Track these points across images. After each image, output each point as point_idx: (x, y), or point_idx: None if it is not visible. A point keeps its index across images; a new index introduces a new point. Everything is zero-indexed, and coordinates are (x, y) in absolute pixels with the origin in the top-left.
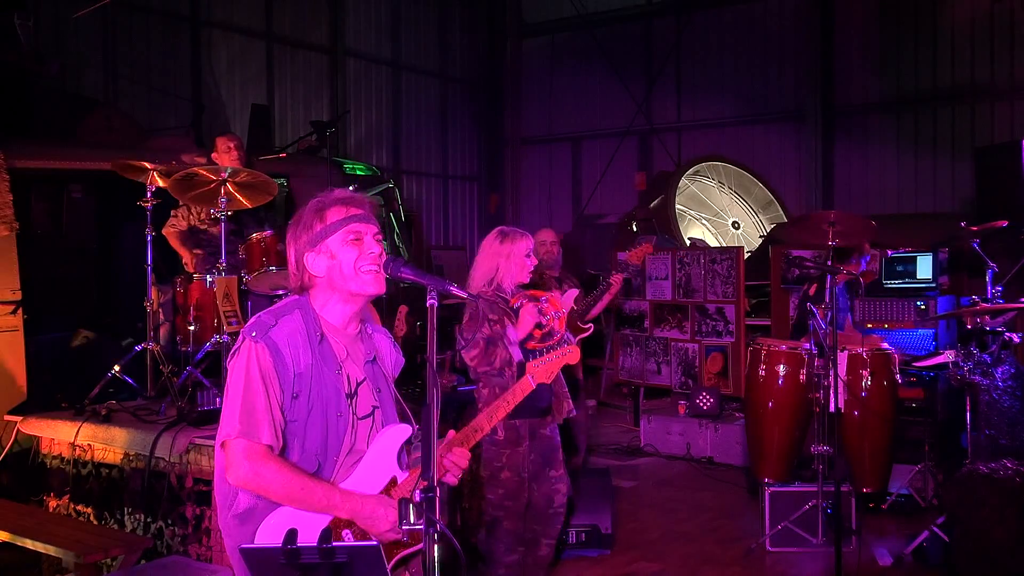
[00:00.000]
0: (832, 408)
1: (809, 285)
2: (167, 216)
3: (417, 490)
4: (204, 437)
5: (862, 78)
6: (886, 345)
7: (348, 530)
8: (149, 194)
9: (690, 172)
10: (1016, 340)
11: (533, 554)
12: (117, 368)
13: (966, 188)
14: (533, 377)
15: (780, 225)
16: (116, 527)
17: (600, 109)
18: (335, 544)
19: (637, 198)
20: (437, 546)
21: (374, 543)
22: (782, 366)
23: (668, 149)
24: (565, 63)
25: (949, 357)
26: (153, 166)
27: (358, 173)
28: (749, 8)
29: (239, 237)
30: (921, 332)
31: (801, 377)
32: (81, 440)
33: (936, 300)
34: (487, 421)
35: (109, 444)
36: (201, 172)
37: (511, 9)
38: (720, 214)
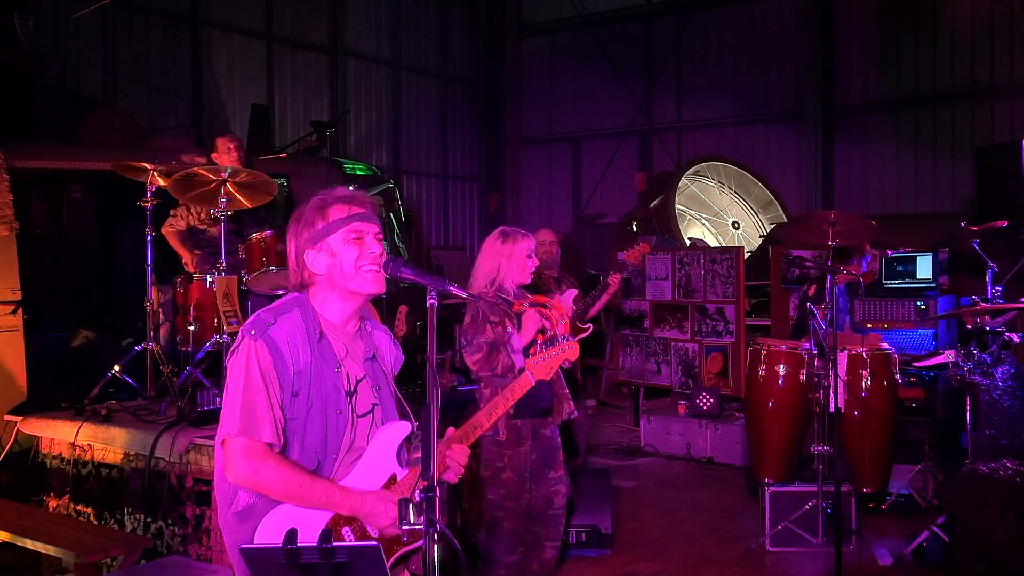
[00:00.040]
0: (832, 408)
1: (809, 285)
2: (167, 216)
3: (417, 490)
4: (204, 437)
5: (862, 78)
6: (886, 345)
7: (348, 528)
8: (149, 194)
9: (690, 172)
10: (1016, 340)
11: (538, 557)
12: (117, 368)
13: (966, 188)
14: (532, 374)
15: (780, 225)
16: (116, 527)
17: (600, 109)
18: (335, 544)
19: (637, 198)
20: (437, 546)
21: (374, 543)
22: (782, 366)
23: (668, 149)
24: (565, 63)
25: (949, 357)
26: (153, 166)
27: (358, 173)
28: (749, 8)
29: (239, 237)
30: (921, 332)
31: (801, 377)
32: (81, 440)
33: (936, 300)
34: (487, 418)
35: (109, 444)
36: (201, 172)
37: (511, 9)
38: (720, 214)
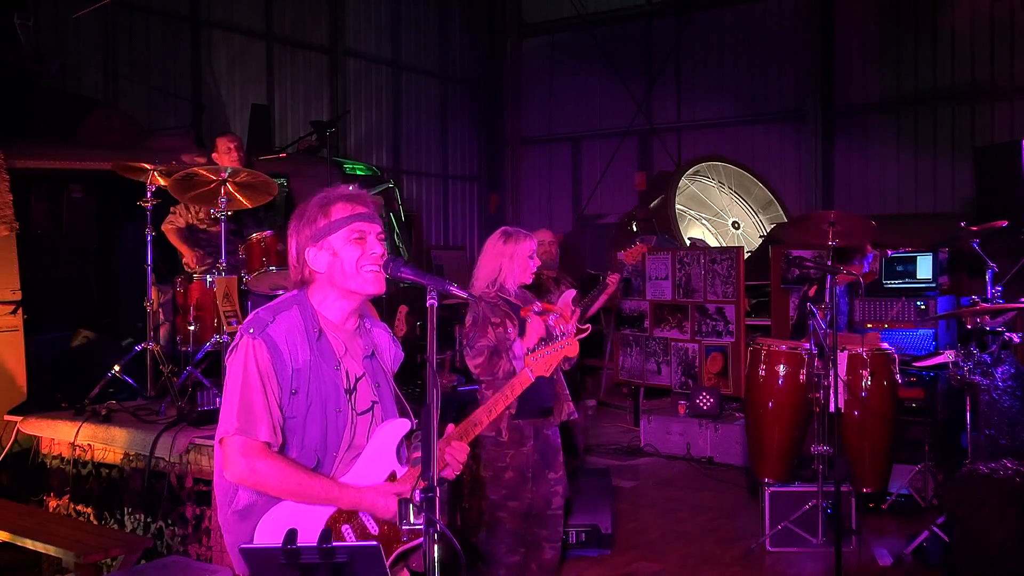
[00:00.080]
0: (832, 408)
1: (809, 286)
2: (167, 215)
3: (417, 490)
4: (204, 437)
5: (862, 78)
6: (886, 345)
7: (348, 525)
8: (149, 194)
9: (690, 172)
10: (1016, 340)
11: (538, 558)
12: (117, 368)
13: (966, 188)
14: (532, 371)
15: (780, 225)
16: (116, 527)
17: (600, 109)
18: (335, 544)
19: (637, 198)
20: (437, 546)
21: (374, 543)
22: (782, 366)
23: (668, 149)
24: (565, 63)
25: (949, 357)
26: (153, 166)
27: (358, 173)
28: (749, 8)
29: (238, 237)
30: (921, 332)
31: (801, 377)
32: (81, 440)
33: (936, 300)
34: (486, 415)
35: (109, 444)
36: (201, 172)
37: (511, 9)
38: (720, 214)
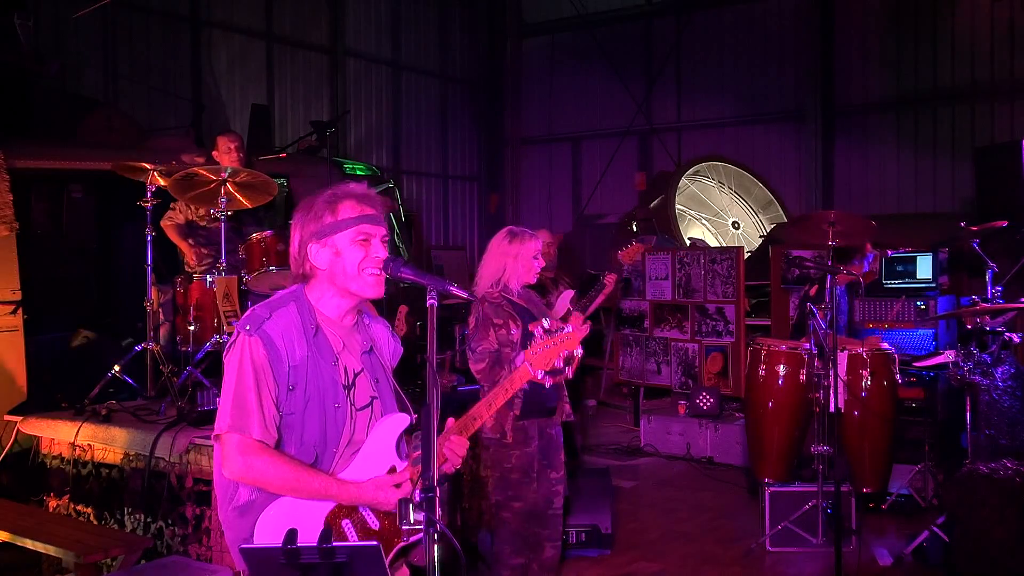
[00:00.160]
0: (832, 408)
1: (810, 286)
2: (167, 211)
3: (417, 490)
4: (204, 437)
5: (862, 78)
6: (886, 345)
7: (348, 520)
8: (149, 194)
9: (690, 172)
10: (1016, 340)
11: (538, 557)
12: (117, 368)
13: (966, 188)
14: (531, 364)
15: (780, 225)
16: (116, 527)
17: (600, 109)
18: (335, 544)
19: (637, 198)
20: (437, 546)
21: (374, 543)
22: (782, 366)
23: (668, 149)
24: (565, 63)
25: (949, 357)
26: (153, 166)
27: (358, 173)
28: (749, 8)
29: (238, 236)
30: (921, 332)
31: (801, 377)
32: (81, 440)
33: (936, 300)
34: (486, 409)
35: (109, 444)
36: (201, 172)
37: (511, 9)
38: (720, 214)
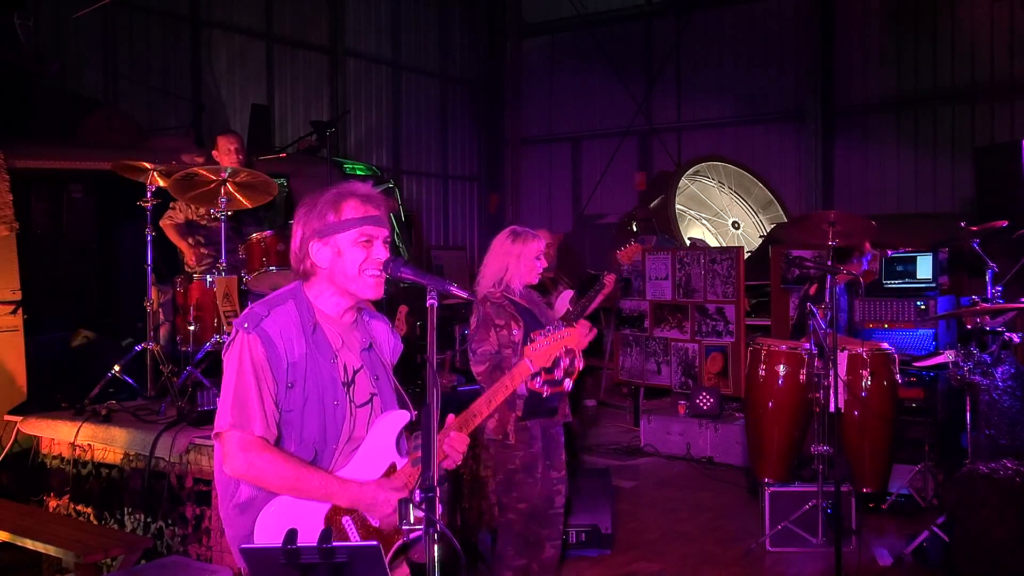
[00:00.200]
0: (832, 408)
1: (809, 285)
2: (166, 211)
3: (417, 490)
4: (204, 437)
5: (862, 78)
6: (886, 345)
7: (348, 517)
8: (149, 194)
9: (690, 172)
10: (1016, 340)
11: (538, 557)
12: (117, 368)
13: (966, 188)
14: (532, 361)
15: (780, 225)
16: (116, 527)
17: (600, 109)
18: (335, 544)
19: (637, 198)
20: (437, 546)
21: (374, 543)
22: (782, 366)
23: (668, 149)
24: (565, 63)
25: (949, 357)
26: (153, 166)
27: (358, 173)
28: (749, 8)
29: (237, 235)
30: (921, 332)
31: (801, 377)
32: (81, 440)
33: (936, 300)
34: (486, 405)
35: (109, 444)
36: (201, 172)
37: (511, 9)
38: (720, 214)
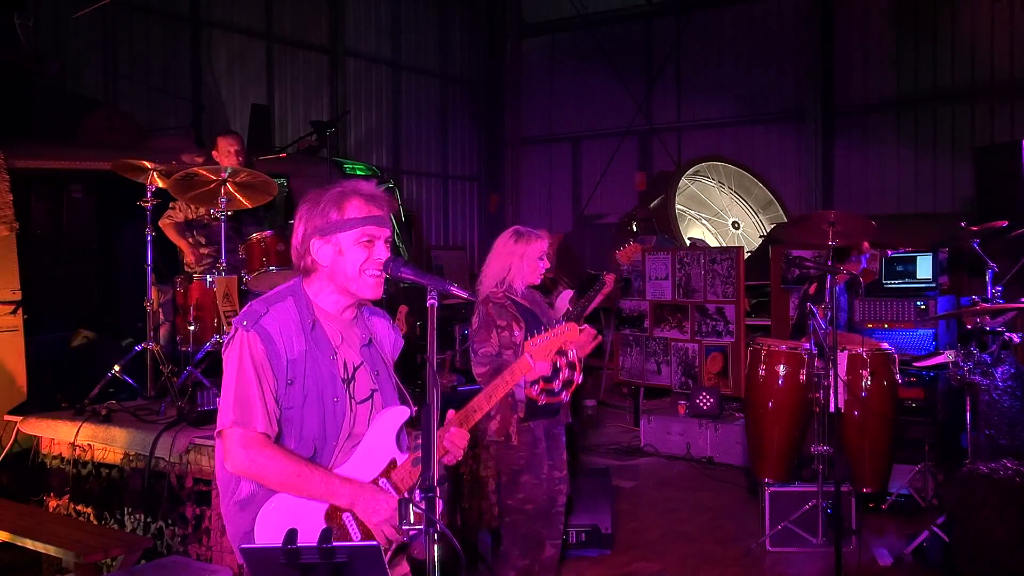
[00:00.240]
0: (832, 408)
1: (809, 284)
2: (166, 210)
3: (417, 490)
4: (204, 437)
5: (862, 78)
6: (886, 345)
7: (349, 512)
8: (149, 194)
9: (690, 172)
10: (1016, 340)
11: (539, 556)
12: (117, 368)
13: (966, 188)
14: (532, 356)
15: (780, 225)
16: (116, 527)
17: (600, 109)
18: (335, 544)
19: (637, 198)
20: (437, 546)
21: (374, 543)
22: (782, 366)
23: (668, 149)
24: (565, 63)
25: (949, 357)
26: (153, 166)
27: (358, 173)
28: (749, 8)
29: (238, 236)
30: (921, 332)
31: (801, 377)
32: (81, 440)
33: (936, 300)
34: (486, 401)
35: (109, 444)
36: (201, 172)
37: (511, 9)
38: (720, 214)
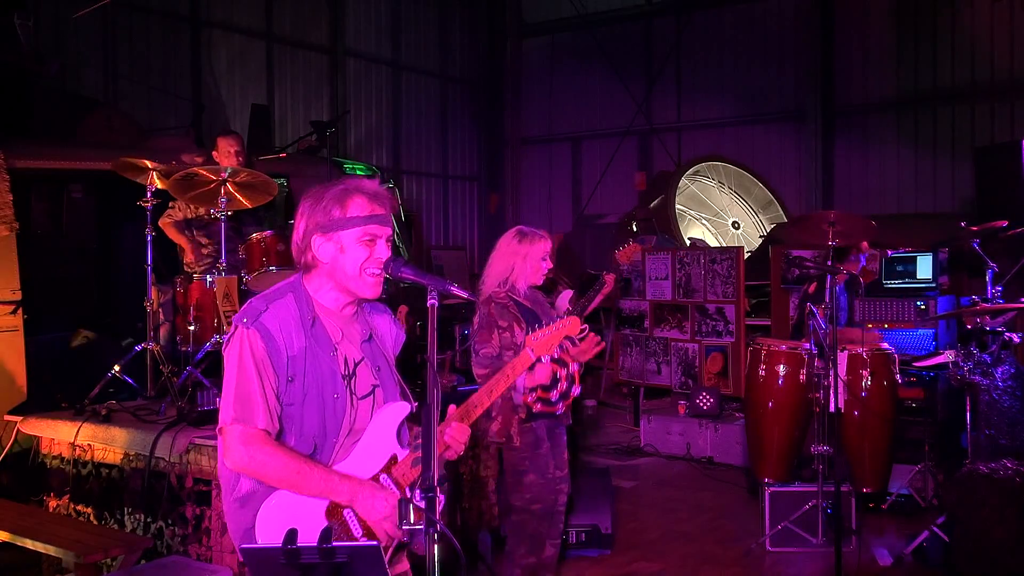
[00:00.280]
0: (832, 408)
1: (809, 283)
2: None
3: (417, 490)
4: (204, 437)
5: (862, 78)
6: (886, 345)
7: (349, 510)
8: (149, 194)
9: (690, 172)
10: (1016, 340)
11: (539, 556)
12: (117, 368)
13: (966, 188)
14: (533, 350)
15: (780, 225)
16: (116, 527)
17: (600, 109)
18: (335, 544)
19: (637, 198)
20: (437, 546)
21: (374, 543)
22: (782, 366)
23: (668, 149)
24: (565, 63)
25: (949, 357)
26: (153, 165)
27: (358, 173)
28: (749, 8)
29: (238, 236)
30: (921, 332)
31: (801, 377)
32: (81, 440)
33: (936, 300)
34: (487, 396)
35: (109, 444)
36: (201, 172)
37: (511, 9)
38: (720, 214)
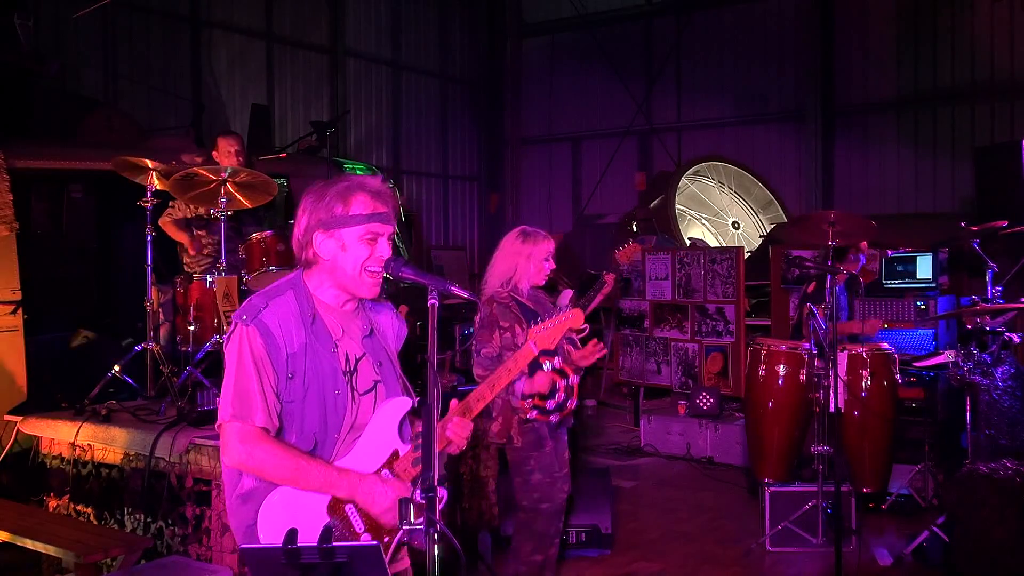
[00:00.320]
0: (832, 408)
1: (808, 283)
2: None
3: (417, 489)
4: (204, 437)
5: (862, 78)
6: (886, 345)
7: (351, 504)
8: (149, 194)
9: (690, 172)
10: (1016, 340)
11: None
12: (117, 368)
13: (966, 188)
14: (536, 344)
15: (780, 225)
16: (116, 527)
17: (600, 109)
18: (335, 544)
19: (637, 198)
20: (437, 546)
21: (374, 543)
22: (782, 366)
23: (668, 149)
24: (565, 63)
25: (949, 357)
26: (154, 165)
27: (358, 173)
28: (749, 8)
29: (238, 236)
30: (921, 332)
31: (801, 377)
32: (81, 440)
33: (936, 300)
34: (489, 390)
35: (109, 444)
36: (201, 172)
37: (511, 9)
38: (720, 214)
